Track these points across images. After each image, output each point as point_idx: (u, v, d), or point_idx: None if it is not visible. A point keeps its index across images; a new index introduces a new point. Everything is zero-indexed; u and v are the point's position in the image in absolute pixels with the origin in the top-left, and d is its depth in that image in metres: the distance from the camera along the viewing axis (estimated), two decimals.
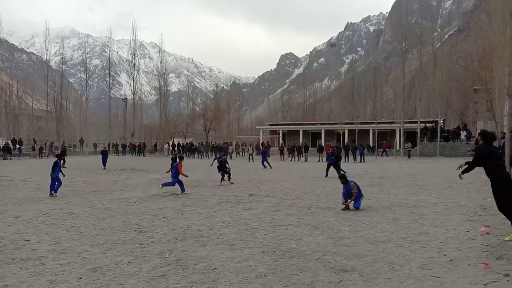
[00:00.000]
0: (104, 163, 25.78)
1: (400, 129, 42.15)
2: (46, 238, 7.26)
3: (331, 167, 19.22)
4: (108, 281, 4.99)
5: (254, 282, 4.89)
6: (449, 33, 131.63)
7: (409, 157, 35.51)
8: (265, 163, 25.58)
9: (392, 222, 8.41)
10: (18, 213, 9.82)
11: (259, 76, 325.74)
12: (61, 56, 73.38)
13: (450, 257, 5.79)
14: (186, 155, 32.13)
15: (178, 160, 14.25)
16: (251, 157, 35.46)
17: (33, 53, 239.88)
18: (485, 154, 6.26)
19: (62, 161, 14.14)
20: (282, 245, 6.64)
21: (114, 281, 4.98)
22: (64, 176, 14.33)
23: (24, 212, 10.03)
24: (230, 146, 44.76)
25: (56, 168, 13.20)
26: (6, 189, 15.00)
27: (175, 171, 13.56)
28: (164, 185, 13.75)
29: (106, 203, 11.48)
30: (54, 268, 5.52)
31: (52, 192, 13.01)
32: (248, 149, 38.74)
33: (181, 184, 13.55)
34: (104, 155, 26.61)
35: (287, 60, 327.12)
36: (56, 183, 13.17)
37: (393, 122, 45.94)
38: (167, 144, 52.99)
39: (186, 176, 13.76)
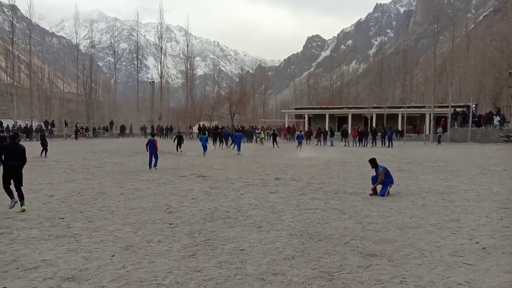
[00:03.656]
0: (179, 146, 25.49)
1: (430, 114, 41.04)
2: (80, 217, 7.51)
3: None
4: (139, 259, 5.13)
5: (282, 264, 4.93)
6: (483, 14, 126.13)
7: (439, 142, 34.64)
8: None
9: (421, 208, 8.28)
10: (52, 192, 10.19)
11: (284, 59, 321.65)
12: (90, 40, 74.48)
13: (482, 244, 5.66)
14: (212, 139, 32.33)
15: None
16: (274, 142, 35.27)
17: (63, 37, 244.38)
18: (3, 150, 7.27)
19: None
20: (309, 228, 6.65)
21: (146, 259, 5.12)
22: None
23: (58, 191, 10.39)
24: (256, 130, 44.74)
25: (202, 138, 22.74)
26: (40, 169, 15.56)
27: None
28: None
29: (135, 183, 11.76)
30: (88, 245, 5.72)
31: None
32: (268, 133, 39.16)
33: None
34: (179, 139, 26.05)
35: (314, 43, 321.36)
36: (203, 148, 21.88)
37: (423, 107, 44.71)
38: (189, 127, 53.61)
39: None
